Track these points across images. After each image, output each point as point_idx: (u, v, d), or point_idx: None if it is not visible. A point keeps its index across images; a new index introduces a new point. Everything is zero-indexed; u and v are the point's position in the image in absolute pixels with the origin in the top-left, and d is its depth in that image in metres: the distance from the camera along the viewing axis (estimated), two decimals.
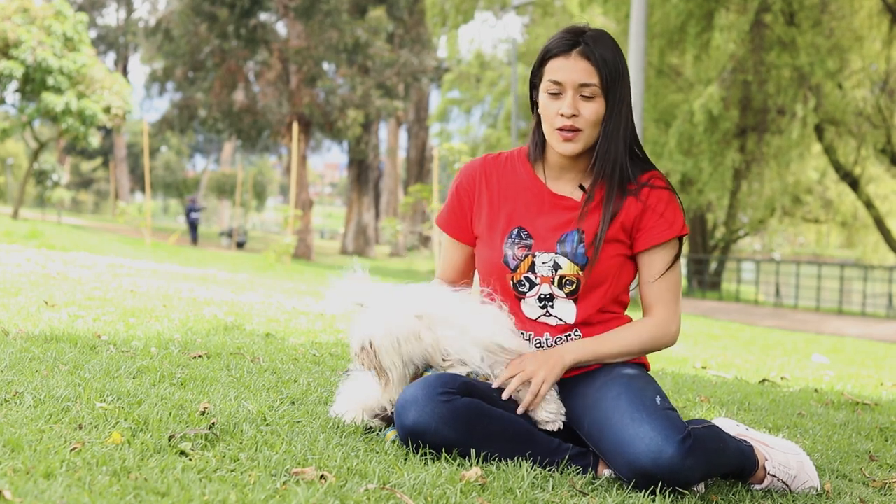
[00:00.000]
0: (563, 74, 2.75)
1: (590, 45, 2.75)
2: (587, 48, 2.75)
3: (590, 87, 2.75)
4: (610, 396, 2.67)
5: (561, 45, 2.77)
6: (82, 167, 69.21)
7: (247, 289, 9.91)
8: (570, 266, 2.79)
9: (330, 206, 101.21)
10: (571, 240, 2.81)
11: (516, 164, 2.94)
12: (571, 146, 2.78)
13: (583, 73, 2.74)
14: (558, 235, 2.81)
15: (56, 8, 25.01)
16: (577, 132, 2.76)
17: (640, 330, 2.82)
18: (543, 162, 2.91)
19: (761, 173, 28.72)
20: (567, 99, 2.75)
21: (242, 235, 38.89)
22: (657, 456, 2.49)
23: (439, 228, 3.04)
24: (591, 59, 2.74)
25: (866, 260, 34.98)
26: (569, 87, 2.75)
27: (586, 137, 2.78)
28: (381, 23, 34.57)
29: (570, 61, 2.75)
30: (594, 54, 2.74)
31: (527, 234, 2.83)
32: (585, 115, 2.75)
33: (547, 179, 2.89)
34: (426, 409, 2.57)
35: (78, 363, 3.41)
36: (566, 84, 2.75)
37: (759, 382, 5.68)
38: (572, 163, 2.85)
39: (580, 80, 2.74)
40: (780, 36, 24.10)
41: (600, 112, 2.77)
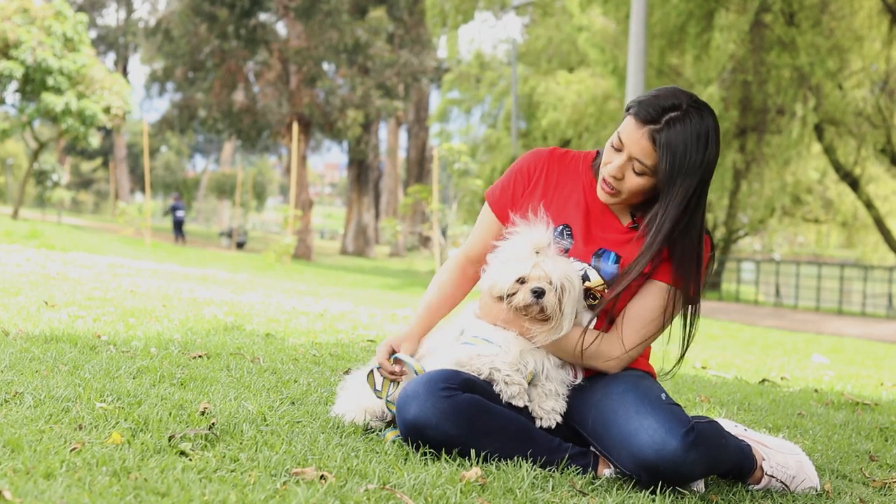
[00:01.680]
0: (627, 138, 2.69)
1: (666, 129, 2.64)
2: (659, 133, 2.64)
3: (641, 165, 2.68)
4: (616, 392, 2.68)
5: (643, 113, 2.67)
6: (82, 167, 69.21)
7: (247, 289, 9.92)
8: (598, 281, 2.79)
9: (330, 207, 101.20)
10: (607, 258, 2.80)
11: (580, 167, 2.91)
12: (606, 198, 2.77)
13: (641, 150, 2.67)
14: (596, 249, 2.81)
15: (56, 8, 25.02)
16: (617, 192, 2.74)
17: (590, 338, 2.77)
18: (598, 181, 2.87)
19: (761, 173, 28.72)
20: (618, 161, 2.71)
21: (242, 236, 38.88)
22: (661, 448, 2.49)
23: (486, 202, 2.98)
24: (655, 144, 2.65)
25: (866, 260, 34.98)
26: (625, 153, 2.70)
27: (624, 199, 2.76)
28: (381, 23, 34.57)
29: (637, 132, 2.67)
30: (662, 140, 2.64)
31: (570, 234, 2.82)
32: (628, 184, 2.72)
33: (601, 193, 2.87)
34: (427, 404, 2.58)
35: (78, 363, 3.40)
36: (625, 148, 2.69)
37: (759, 382, 5.68)
38: None
39: (636, 154, 2.67)
40: (780, 36, 24.11)
41: (645, 187, 2.72)
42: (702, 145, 2.64)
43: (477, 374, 2.71)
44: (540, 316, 2.68)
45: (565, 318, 2.68)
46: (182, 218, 35.73)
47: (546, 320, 2.68)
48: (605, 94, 28.47)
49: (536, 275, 2.66)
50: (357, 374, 3.07)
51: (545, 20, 34.57)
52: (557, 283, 2.65)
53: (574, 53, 31.76)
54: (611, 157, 2.73)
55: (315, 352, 4.61)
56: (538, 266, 2.66)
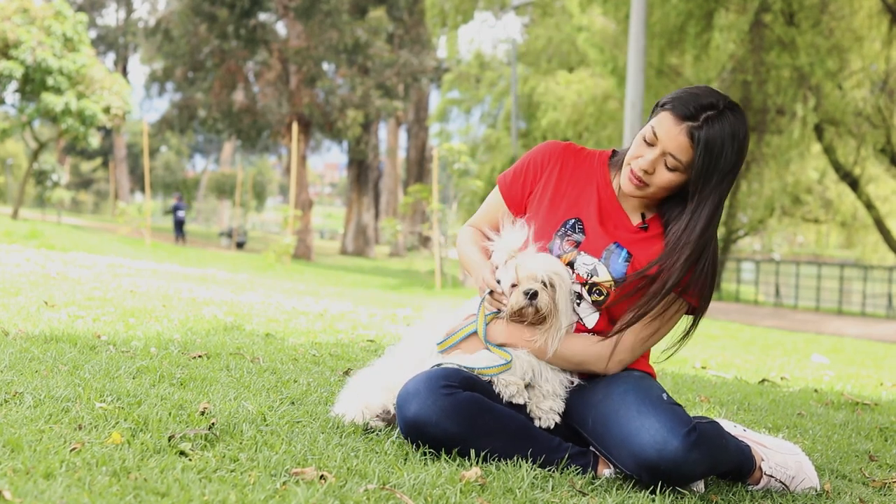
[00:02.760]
0: (662, 133, 2.69)
1: (705, 127, 2.64)
2: (698, 131, 2.64)
3: (676, 161, 2.69)
4: (617, 393, 2.68)
5: (680, 109, 2.68)
6: (82, 167, 69.21)
7: (246, 289, 9.92)
8: (606, 276, 2.79)
9: (330, 207, 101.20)
10: (618, 255, 2.80)
11: (595, 162, 2.92)
12: (632, 189, 2.77)
13: (678, 146, 2.67)
14: (607, 245, 2.81)
15: (56, 8, 25.01)
16: (646, 186, 2.75)
17: (587, 343, 2.77)
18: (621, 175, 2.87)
19: (761, 173, 28.72)
20: (653, 155, 2.71)
21: (242, 236, 38.88)
22: (662, 447, 2.49)
23: (497, 185, 3.00)
24: (693, 141, 2.66)
25: (866, 260, 34.98)
26: (659, 147, 2.70)
27: (651, 194, 2.77)
28: (381, 23, 34.57)
29: (674, 128, 2.68)
30: (700, 138, 2.65)
31: (581, 228, 2.83)
32: (658, 179, 2.73)
33: (619, 193, 2.88)
34: (428, 402, 2.58)
35: (78, 363, 3.40)
36: (660, 142, 2.70)
37: (759, 382, 5.68)
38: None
39: (671, 150, 2.68)
40: (779, 36, 24.11)
41: (674, 183, 2.73)
42: (737, 146, 2.66)
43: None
44: (536, 318, 2.67)
45: (562, 313, 2.68)
46: (183, 218, 35.74)
47: (543, 321, 2.68)
48: (605, 94, 28.47)
49: (523, 275, 2.65)
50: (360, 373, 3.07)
51: (545, 20, 34.56)
52: (545, 279, 2.64)
53: (574, 53, 31.76)
54: (642, 151, 2.73)
55: (315, 352, 4.61)
56: (522, 266, 2.66)
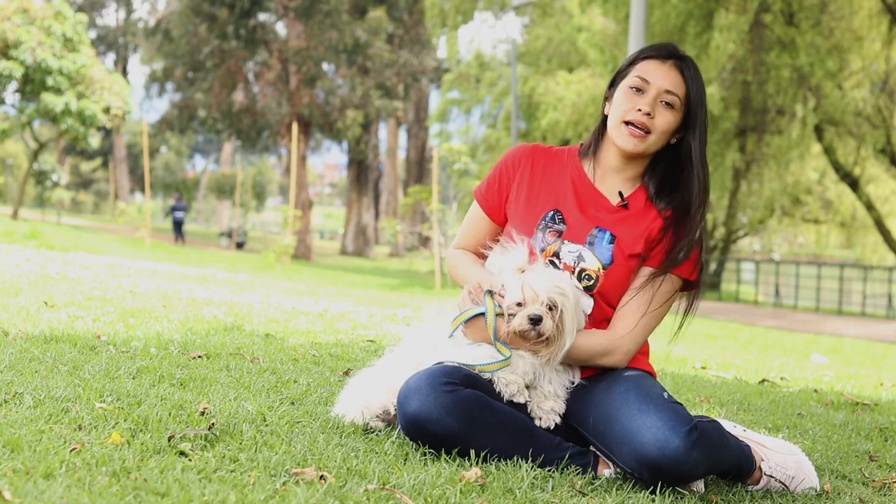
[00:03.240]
0: (653, 75, 2.80)
1: (685, 63, 2.83)
2: (682, 64, 2.83)
3: (673, 96, 2.79)
4: (617, 391, 2.68)
5: (658, 51, 2.85)
6: (82, 168, 69.21)
7: (246, 289, 9.92)
8: (593, 261, 2.80)
9: (329, 207, 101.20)
10: (602, 239, 2.82)
11: (565, 157, 2.97)
12: (634, 143, 2.80)
13: (671, 81, 2.80)
14: (589, 230, 2.83)
15: (56, 8, 25.01)
16: (646, 134, 2.79)
17: (593, 340, 2.78)
18: (595, 161, 2.93)
19: (761, 173, 28.73)
20: (648, 97, 2.79)
21: (242, 236, 38.87)
22: (664, 446, 2.49)
23: (475, 199, 3.05)
24: (683, 74, 2.82)
25: (866, 260, 34.99)
26: (653, 88, 2.79)
27: (651, 142, 2.81)
28: (381, 23, 34.56)
29: (663, 67, 2.82)
30: (687, 71, 2.82)
31: (561, 218, 2.85)
32: (659, 121, 2.79)
33: (594, 178, 2.92)
34: (429, 398, 2.57)
35: (77, 364, 3.40)
36: (653, 84, 2.80)
37: (759, 383, 5.68)
38: (624, 167, 2.88)
39: (667, 86, 2.79)
40: (779, 36, 24.12)
41: (673, 125, 2.80)
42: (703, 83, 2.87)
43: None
44: (538, 340, 2.67)
45: (567, 333, 2.67)
46: (182, 218, 35.73)
47: (546, 343, 2.68)
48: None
49: (528, 295, 2.65)
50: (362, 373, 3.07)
51: (545, 20, 34.57)
52: (545, 299, 2.63)
53: (574, 53, 31.77)
54: (635, 100, 2.80)
55: (315, 352, 4.61)
56: (527, 285, 2.65)
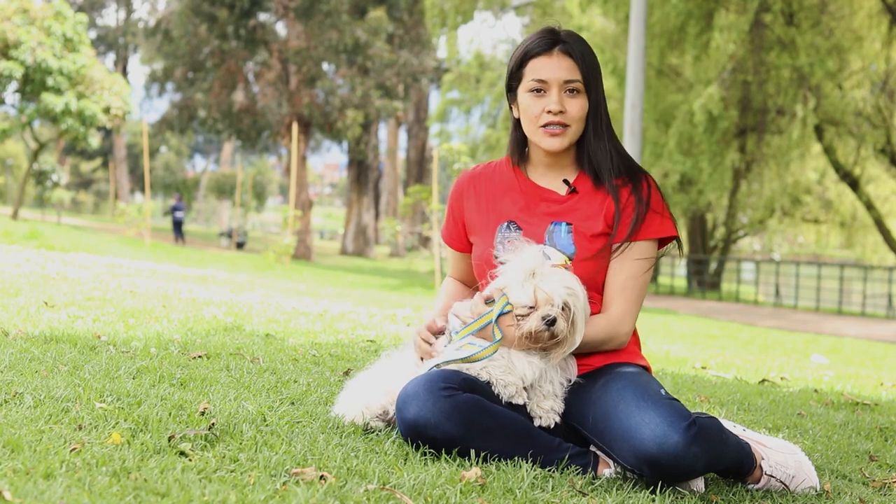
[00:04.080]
0: (546, 72, 2.81)
1: (569, 42, 2.83)
2: (567, 46, 2.83)
3: (573, 83, 2.81)
4: (615, 389, 2.69)
5: (541, 45, 2.84)
6: (82, 168, 69.24)
7: (246, 289, 9.92)
8: (558, 256, 2.81)
9: (329, 207, 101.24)
10: (559, 231, 2.85)
11: (503, 167, 3.02)
12: (559, 141, 2.83)
13: (566, 70, 2.81)
14: (545, 227, 2.86)
15: (56, 9, 25.01)
16: (565, 128, 2.82)
17: (596, 324, 2.80)
18: (527, 162, 2.98)
19: (761, 173, 28.73)
20: (553, 96, 2.81)
21: (242, 236, 38.87)
22: (663, 441, 2.49)
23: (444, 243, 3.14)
24: (573, 56, 2.82)
25: (866, 260, 34.98)
26: (554, 85, 2.81)
27: (572, 133, 2.85)
28: (381, 23, 34.57)
29: (552, 59, 2.82)
30: (575, 51, 2.83)
31: (516, 226, 2.89)
32: (571, 111, 2.82)
33: (532, 177, 2.96)
34: (427, 404, 2.58)
35: (78, 364, 3.41)
36: (551, 82, 2.81)
37: (759, 383, 5.68)
38: (556, 159, 2.91)
39: (565, 76, 2.81)
40: (779, 36, 24.12)
41: (585, 107, 2.84)
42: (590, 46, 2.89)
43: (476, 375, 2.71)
44: (551, 341, 2.67)
45: (578, 332, 2.68)
46: (182, 218, 35.74)
47: (558, 343, 2.68)
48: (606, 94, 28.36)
49: (542, 299, 2.64)
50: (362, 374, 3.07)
51: (545, 20, 34.27)
52: (560, 303, 2.64)
53: None
54: (541, 103, 2.82)
55: (315, 352, 4.61)
56: (539, 289, 2.65)
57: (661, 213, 2.87)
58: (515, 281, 2.69)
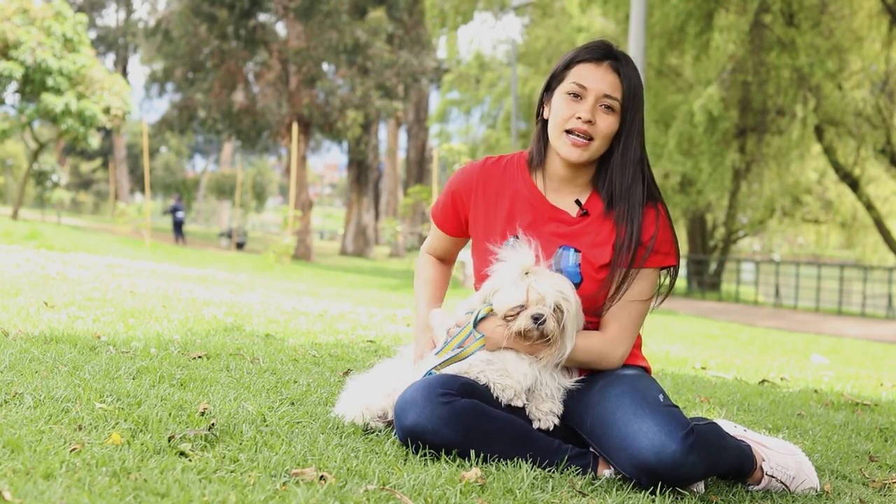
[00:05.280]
0: (590, 80, 2.76)
1: (621, 60, 2.79)
2: (618, 63, 2.78)
3: (611, 100, 2.75)
4: (613, 394, 2.68)
5: (593, 53, 2.79)
6: (82, 168, 69.24)
7: (246, 289, 9.92)
8: None
9: (329, 207, 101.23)
10: (567, 256, 2.81)
11: (516, 170, 2.92)
12: (578, 153, 2.76)
13: (610, 84, 2.76)
14: (554, 248, 2.81)
15: (55, 9, 25.01)
16: (589, 141, 2.76)
17: (591, 343, 2.79)
18: (543, 171, 2.89)
19: (761, 174, 28.72)
20: (587, 104, 2.75)
21: (242, 236, 38.86)
22: (660, 451, 2.49)
23: (431, 218, 3.09)
24: (620, 74, 2.77)
25: (866, 260, 34.98)
26: (592, 94, 2.75)
27: (595, 149, 2.78)
28: (381, 23, 34.56)
29: (599, 70, 2.77)
30: (623, 70, 2.78)
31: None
32: (601, 126, 2.75)
33: (546, 191, 2.88)
34: (426, 411, 2.57)
35: (77, 364, 3.40)
36: (591, 90, 2.75)
37: (759, 383, 5.68)
38: (573, 175, 2.84)
39: (605, 90, 2.75)
40: (779, 36, 24.12)
41: (614, 128, 2.77)
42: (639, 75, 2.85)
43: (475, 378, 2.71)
44: (541, 340, 2.67)
45: (568, 337, 2.67)
46: (182, 219, 35.75)
47: (548, 343, 2.67)
48: None
49: (534, 298, 2.64)
50: (361, 375, 3.07)
51: (544, 21, 34.58)
52: (552, 304, 2.63)
53: None
54: (574, 108, 2.76)
55: (315, 352, 4.61)
56: (532, 289, 2.65)
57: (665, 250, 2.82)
58: (509, 279, 2.70)
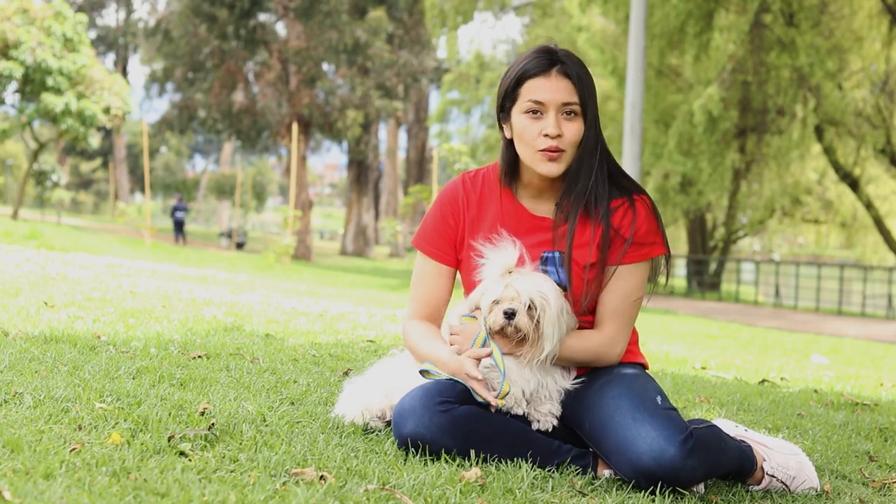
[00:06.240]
0: (544, 94, 2.71)
1: (567, 63, 2.73)
2: (565, 67, 2.73)
3: (571, 106, 2.72)
4: (610, 396, 2.67)
5: (539, 65, 2.73)
6: (82, 168, 69.24)
7: (246, 289, 9.92)
8: None
9: (329, 207, 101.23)
10: (553, 262, 2.80)
11: (493, 182, 2.90)
12: (556, 166, 2.74)
13: (564, 92, 2.72)
14: (538, 255, 2.80)
15: (56, 9, 25.00)
16: (561, 153, 2.73)
17: (587, 342, 2.78)
18: (518, 183, 2.86)
19: (761, 174, 28.72)
20: (550, 119, 2.71)
21: (242, 236, 38.86)
22: (659, 456, 2.49)
23: (421, 253, 2.94)
24: (571, 78, 2.72)
25: (866, 260, 34.98)
26: (551, 107, 2.71)
27: (568, 157, 2.76)
28: (381, 23, 34.57)
29: (550, 81, 2.72)
30: (573, 73, 2.73)
31: None
32: (568, 135, 2.73)
33: (524, 200, 2.86)
34: (424, 420, 2.57)
35: (77, 364, 3.40)
36: (549, 104, 2.71)
37: (759, 383, 5.68)
38: (550, 183, 2.82)
39: (563, 98, 2.71)
40: (779, 36, 24.11)
41: (581, 131, 2.75)
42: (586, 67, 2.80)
43: None
44: (517, 336, 2.66)
45: (545, 337, 2.65)
46: (182, 218, 35.76)
47: (523, 341, 2.66)
48: (605, 94, 28.50)
49: (508, 295, 2.64)
50: (361, 376, 3.07)
51: (545, 21, 34.60)
52: (526, 301, 2.62)
53: None
54: (538, 125, 2.72)
55: (315, 352, 4.61)
56: (510, 286, 2.65)
57: (650, 241, 2.80)
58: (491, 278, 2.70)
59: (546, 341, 2.65)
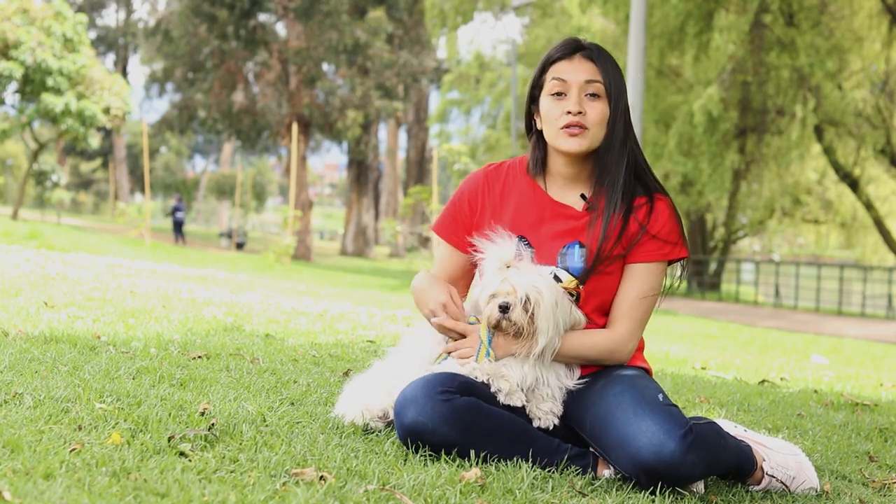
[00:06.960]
0: (567, 73, 2.79)
1: (592, 50, 2.83)
2: (590, 52, 2.82)
3: (594, 85, 2.78)
4: (612, 394, 2.68)
5: (563, 50, 2.83)
6: (82, 168, 69.23)
7: (246, 289, 9.92)
8: (570, 280, 2.79)
9: (329, 207, 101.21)
10: (573, 253, 2.81)
11: (518, 173, 2.94)
12: (577, 142, 2.77)
13: (587, 71, 2.80)
14: (559, 247, 2.81)
15: (55, 9, 25.01)
16: (584, 129, 2.77)
17: (598, 340, 2.79)
18: (545, 174, 2.90)
19: (761, 174, 28.72)
20: (573, 97, 2.78)
21: (242, 236, 38.86)
22: (659, 450, 2.49)
23: (437, 236, 3.00)
24: (595, 61, 2.81)
25: (866, 261, 34.99)
26: (574, 86, 2.78)
27: (592, 137, 2.79)
28: (381, 24, 34.57)
29: (573, 63, 2.81)
30: (597, 57, 2.82)
31: (527, 243, 2.82)
32: (591, 114, 2.78)
33: (549, 189, 2.89)
34: (426, 409, 2.57)
35: (77, 364, 3.40)
36: (571, 82, 2.78)
37: (759, 383, 5.68)
38: (576, 172, 2.85)
39: (585, 76, 2.78)
40: (779, 36, 24.11)
41: (605, 113, 2.79)
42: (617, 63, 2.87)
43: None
44: (513, 330, 2.67)
45: (540, 331, 2.65)
46: (182, 219, 35.77)
47: (519, 334, 2.67)
48: None
49: (503, 289, 2.66)
50: (361, 375, 3.07)
51: (545, 21, 34.58)
52: (523, 296, 2.63)
53: None
54: (561, 105, 2.79)
55: (315, 352, 4.61)
56: (506, 280, 2.66)
57: (672, 241, 2.83)
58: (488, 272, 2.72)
59: (540, 335, 2.65)
